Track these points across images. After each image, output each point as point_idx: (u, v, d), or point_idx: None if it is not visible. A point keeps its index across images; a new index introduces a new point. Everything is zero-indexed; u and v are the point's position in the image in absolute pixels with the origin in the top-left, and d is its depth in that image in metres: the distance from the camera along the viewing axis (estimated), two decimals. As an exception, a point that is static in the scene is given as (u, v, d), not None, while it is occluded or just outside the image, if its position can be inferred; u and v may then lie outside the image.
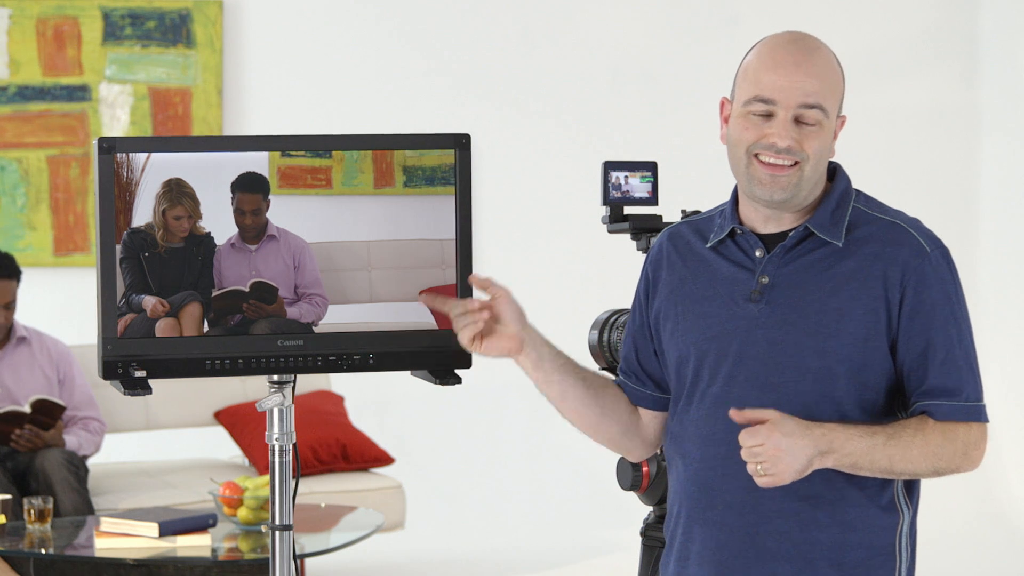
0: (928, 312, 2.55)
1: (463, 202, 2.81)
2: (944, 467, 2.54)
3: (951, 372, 2.56)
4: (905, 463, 2.51)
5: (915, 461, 2.52)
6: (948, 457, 2.53)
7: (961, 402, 2.55)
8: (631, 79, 7.53)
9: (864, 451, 2.49)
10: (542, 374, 2.69)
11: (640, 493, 3.64)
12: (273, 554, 2.81)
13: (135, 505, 5.95)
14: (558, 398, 2.71)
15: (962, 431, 2.54)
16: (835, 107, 2.58)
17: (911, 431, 2.52)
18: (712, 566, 2.63)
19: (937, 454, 2.52)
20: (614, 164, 3.52)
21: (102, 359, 2.69)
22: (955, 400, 2.55)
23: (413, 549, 6.77)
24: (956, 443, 2.53)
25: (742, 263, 2.63)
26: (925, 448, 2.51)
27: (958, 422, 2.54)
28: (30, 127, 7.07)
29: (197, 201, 2.70)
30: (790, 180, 2.55)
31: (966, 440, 2.54)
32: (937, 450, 2.52)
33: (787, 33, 2.60)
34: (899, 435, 2.51)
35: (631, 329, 2.78)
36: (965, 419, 2.55)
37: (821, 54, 2.58)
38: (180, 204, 2.69)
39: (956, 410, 2.55)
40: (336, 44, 7.35)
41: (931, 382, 2.55)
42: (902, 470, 2.52)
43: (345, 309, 2.78)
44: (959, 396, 2.55)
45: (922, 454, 2.51)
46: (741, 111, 2.58)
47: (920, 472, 2.54)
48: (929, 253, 2.57)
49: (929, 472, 2.54)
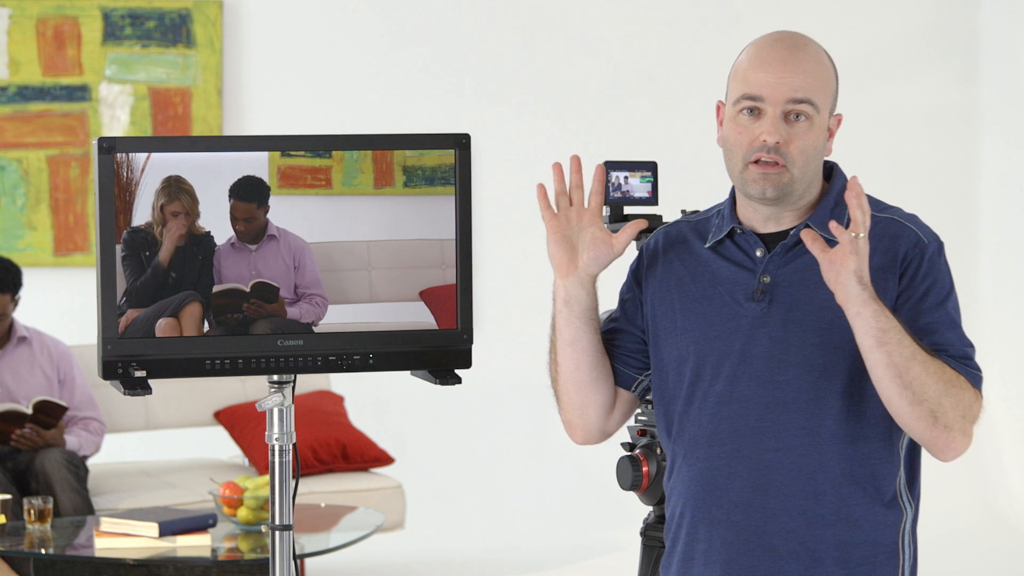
0: (923, 296, 2.56)
1: (463, 202, 2.81)
2: (942, 414, 2.48)
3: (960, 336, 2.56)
4: (920, 371, 2.45)
5: (930, 378, 2.46)
6: (951, 405, 2.48)
7: (975, 370, 2.54)
8: (631, 79, 7.53)
9: (909, 354, 2.45)
10: (575, 308, 2.65)
11: (640, 493, 3.64)
12: (273, 554, 2.81)
13: (135, 505, 5.95)
14: (568, 341, 2.67)
15: (967, 395, 2.51)
16: (826, 103, 2.59)
17: (944, 366, 2.48)
18: (719, 566, 2.63)
19: (946, 391, 2.47)
20: (614, 164, 3.52)
21: (102, 359, 2.69)
22: (969, 365, 2.53)
23: (413, 549, 6.77)
24: (963, 399, 2.49)
25: (742, 263, 2.64)
26: (942, 374, 2.47)
27: (971, 385, 2.52)
28: (30, 127, 7.07)
29: (196, 199, 2.70)
30: (780, 178, 2.56)
31: (969, 405, 2.51)
32: (947, 387, 2.47)
33: (775, 32, 2.62)
34: (937, 362, 2.48)
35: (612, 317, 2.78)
36: (974, 383, 2.52)
37: (809, 51, 2.59)
38: (178, 199, 2.69)
39: (974, 377, 2.53)
40: (336, 44, 7.35)
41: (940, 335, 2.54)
42: (913, 378, 2.45)
43: (345, 309, 2.78)
44: (970, 363, 2.54)
45: (938, 378, 2.46)
46: (732, 112, 2.60)
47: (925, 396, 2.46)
48: (927, 245, 2.59)
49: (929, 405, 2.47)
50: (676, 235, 2.73)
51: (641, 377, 2.75)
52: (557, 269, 2.64)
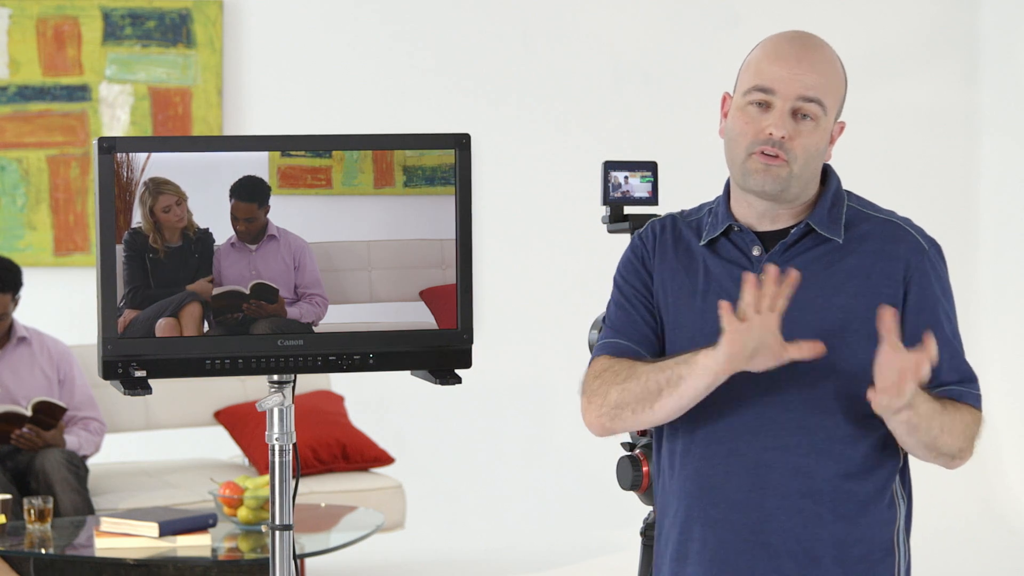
0: (931, 307, 2.58)
1: (463, 202, 2.80)
2: (960, 450, 2.57)
3: (958, 364, 2.60)
4: (947, 435, 2.53)
5: (954, 435, 2.54)
6: (966, 440, 2.57)
7: (976, 391, 2.60)
8: (631, 79, 7.53)
9: (930, 413, 2.50)
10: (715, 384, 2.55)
11: (640, 493, 3.64)
12: (273, 554, 2.81)
13: (135, 505, 5.95)
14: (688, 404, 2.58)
15: (969, 422, 2.58)
16: (834, 106, 2.59)
17: (952, 407, 2.55)
18: (714, 565, 2.62)
19: (965, 434, 2.56)
20: (614, 164, 3.52)
21: (102, 359, 2.69)
22: (972, 388, 2.60)
23: (413, 549, 6.77)
24: (972, 429, 2.58)
25: (737, 261, 2.64)
26: (962, 426, 2.55)
27: (974, 408, 2.59)
28: (30, 127, 7.07)
29: (178, 185, 2.68)
30: (780, 172, 2.56)
31: (967, 430, 2.58)
32: (965, 430, 2.56)
33: (792, 31, 2.63)
34: (948, 408, 2.54)
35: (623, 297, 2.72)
36: (979, 406, 2.60)
37: (824, 52, 2.59)
38: (162, 194, 2.68)
39: (975, 398, 2.59)
40: (336, 44, 7.35)
41: (945, 373, 2.58)
42: (941, 444, 2.53)
43: (345, 309, 2.78)
44: (973, 385, 2.60)
45: (961, 431, 2.55)
46: (741, 102, 2.59)
47: (948, 449, 2.55)
48: (927, 250, 2.61)
49: (952, 452, 2.56)
50: (671, 228, 2.73)
51: None
52: (732, 360, 2.50)
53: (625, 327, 2.69)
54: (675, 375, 2.53)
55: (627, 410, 2.59)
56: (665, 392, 2.55)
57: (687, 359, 2.53)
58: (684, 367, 2.53)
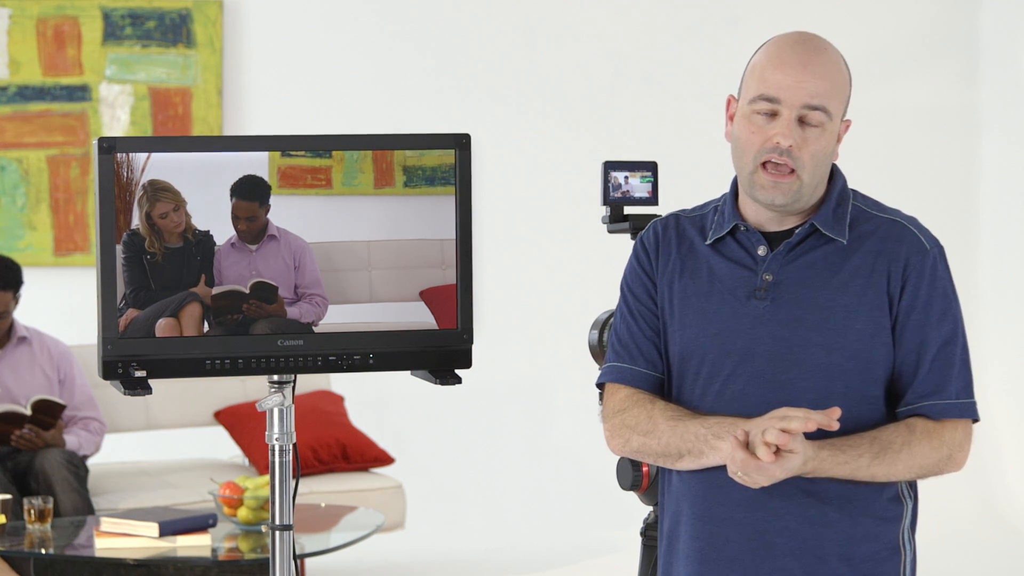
0: (924, 308, 2.58)
1: (463, 202, 2.80)
2: (927, 472, 2.59)
3: (943, 368, 2.58)
4: (887, 476, 2.56)
5: (898, 474, 2.57)
6: (931, 464, 2.58)
7: (951, 399, 2.58)
8: (631, 79, 7.53)
9: (847, 473, 2.54)
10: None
11: (640, 493, 3.64)
12: (273, 554, 2.81)
13: (135, 505, 5.95)
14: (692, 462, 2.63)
15: (948, 433, 2.57)
16: (839, 109, 2.59)
17: (897, 446, 2.55)
18: (718, 564, 2.62)
19: (921, 464, 2.57)
20: (614, 164, 3.52)
21: (102, 359, 2.69)
22: (945, 398, 2.58)
23: (413, 549, 6.77)
24: (942, 449, 2.57)
25: (742, 261, 2.63)
26: (910, 461, 2.55)
27: (948, 420, 2.57)
28: (30, 127, 7.07)
29: (177, 191, 2.69)
30: (791, 187, 2.56)
31: (951, 443, 2.57)
32: (922, 460, 2.56)
33: (795, 33, 2.61)
34: (884, 453, 2.54)
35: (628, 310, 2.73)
36: (957, 415, 2.58)
37: (828, 55, 2.58)
38: (159, 201, 2.69)
39: (949, 408, 2.58)
40: (336, 44, 7.35)
41: (923, 378, 2.58)
42: (884, 480, 2.57)
43: (345, 309, 2.78)
44: (948, 393, 2.58)
45: (907, 467, 2.56)
46: (746, 110, 2.58)
47: (901, 479, 2.59)
48: (929, 251, 2.60)
49: (911, 478, 2.60)
50: (674, 228, 2.72)
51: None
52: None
53: (631, 348, 2.70)
54: (696, 449, 2.57)
55: (649, 458, 2.64)
56: (687, 459, 2.59)
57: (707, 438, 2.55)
58: (705, 446, 2.56)
